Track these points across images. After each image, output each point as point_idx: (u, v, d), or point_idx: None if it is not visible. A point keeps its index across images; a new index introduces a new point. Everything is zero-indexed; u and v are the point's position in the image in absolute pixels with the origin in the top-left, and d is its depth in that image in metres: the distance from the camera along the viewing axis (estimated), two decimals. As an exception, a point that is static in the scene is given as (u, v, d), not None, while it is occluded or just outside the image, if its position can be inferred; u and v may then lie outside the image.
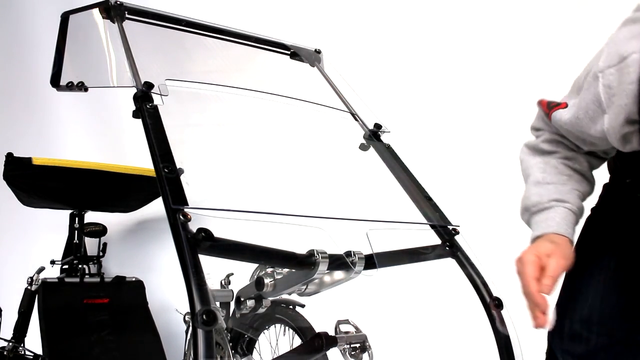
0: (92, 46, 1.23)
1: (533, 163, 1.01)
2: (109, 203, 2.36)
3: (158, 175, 0.82)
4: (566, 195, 0.95)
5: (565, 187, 0.96)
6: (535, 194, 0.97)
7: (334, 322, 1.14)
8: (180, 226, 0.75)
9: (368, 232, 0.92)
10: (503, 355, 0.98)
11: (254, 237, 0.85)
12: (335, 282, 0.99)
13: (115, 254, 2.57)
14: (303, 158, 1.97)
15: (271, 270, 1.07)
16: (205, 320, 0.67)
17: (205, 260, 0.74)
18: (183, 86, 1.11)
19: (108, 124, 2.84)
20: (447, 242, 1.08)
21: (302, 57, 1.54)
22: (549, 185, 0.97)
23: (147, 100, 0.97)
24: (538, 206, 0.96)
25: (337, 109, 1.37)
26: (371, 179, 1.39)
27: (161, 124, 0.93)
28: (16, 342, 1.95)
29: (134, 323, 2.14)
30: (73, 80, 1.14)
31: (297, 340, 1.34)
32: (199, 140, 1.48)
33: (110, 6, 1.23)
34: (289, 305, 1.39)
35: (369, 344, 1.12)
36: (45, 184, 2.09)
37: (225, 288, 1.47)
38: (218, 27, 1.41)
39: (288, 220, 0.87)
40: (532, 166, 1.01)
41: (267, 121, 1.58)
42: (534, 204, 0.97)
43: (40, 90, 2.80)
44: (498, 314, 1.00)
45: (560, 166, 0.98)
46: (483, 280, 1.03)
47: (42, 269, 2.06)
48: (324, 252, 0.91)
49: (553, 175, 0.97)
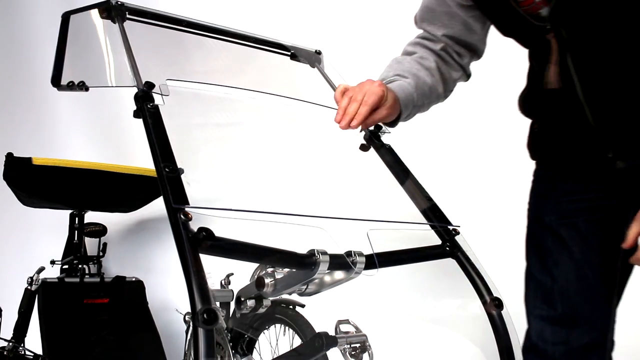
0: (92, 46, 1.23)
1: (393, 59, 1.24)
2: (109, 203, 2.36)
3: (159, 174, 0.83)
4: (408, 74, 1.17)
5: (410, 72, 1.18)
6: (385, 72, 1.21)
7: (334, 322, 1.14)
8: (181, 225, 0.75)
9: (368, 232, 0.92)
10: (503, 356, 0.98)
11: (255, 236, 0.85)
12: (336, 282, 0.99)
13: (115, 254, 2.57)
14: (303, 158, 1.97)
15: (271, 270, 1.07)
16: (206, 320, 0.67)
17: (206, 260, 0.74)
18: (184, 86, 1.12)
19: (108, 124, 2.83)
20: (447, 242, 1.09)
21: (302, 58, 1.54)
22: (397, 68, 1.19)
23: (148, 100, 0.97)
24: (385, 79, 1.18)
25: (337, 109, 1.37)
26: (371, 179, 1.39)
27: (162, 124, 0.93)
28: (16, 342, 1.95)
29: (134, 323, 2.15)
30: (74, 80, 1.14)
31: (297, 340, 1.34)
32: (200, 139, 1.48)
33: (111, 6, 1.23)
34: (289, 305, 1.39)
35: (369, 344, 1.12)
36: (45, 184, 2.09)
37: (226, 288, 1.47)
38: (218, 27, 1.41)
39: (288, 219, 0.87)
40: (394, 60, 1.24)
41: (267, 121, 1.59)
42: (382, 77, 1.19)
43: (40, 90, 2.80)
44: (498, 314, 1.00)
45: (412, 62, 1.20)
46: (483, 280, 1.03)
47: (42, 269, 2.06)
48: (325, 252, 0.91)
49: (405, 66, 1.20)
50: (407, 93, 1.16)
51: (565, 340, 1.06)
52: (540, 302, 1.10)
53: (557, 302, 1.07)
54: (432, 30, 1.19)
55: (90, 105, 2.84)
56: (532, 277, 1.14)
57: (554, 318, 1.07)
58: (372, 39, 2.28)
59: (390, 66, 1.22)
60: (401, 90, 1.15)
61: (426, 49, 1.21)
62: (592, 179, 1.04)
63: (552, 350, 1.06)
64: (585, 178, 1.04)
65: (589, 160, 1.03)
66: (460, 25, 1.17)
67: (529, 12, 0.98)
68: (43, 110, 2.91)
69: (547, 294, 1.09)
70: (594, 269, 1.05)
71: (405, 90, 1.15)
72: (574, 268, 1.06)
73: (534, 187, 1.15)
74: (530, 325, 1.12)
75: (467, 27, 1.17)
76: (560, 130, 1.06)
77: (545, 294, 1.09)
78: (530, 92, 1.13)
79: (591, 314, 1.05)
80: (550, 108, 1.06)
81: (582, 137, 1.02)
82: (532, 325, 1.11)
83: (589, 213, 1.04)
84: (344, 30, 2.34)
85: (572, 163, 1.06)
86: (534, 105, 1.12)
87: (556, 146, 1.08)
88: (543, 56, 1.03)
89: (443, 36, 1.18)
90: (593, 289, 1.05)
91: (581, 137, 1.02)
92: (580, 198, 1.05)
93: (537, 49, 1.05)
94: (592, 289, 1.05)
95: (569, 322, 1.05)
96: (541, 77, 1.06)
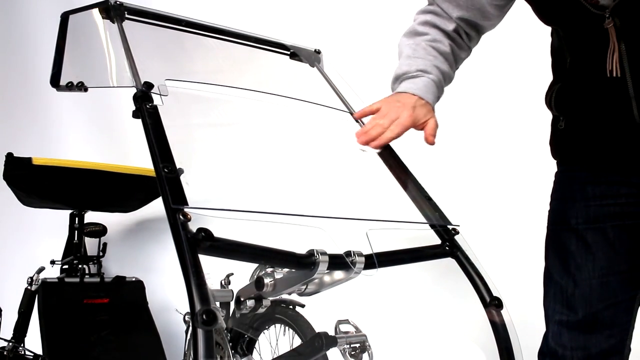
0: (92, 46, 1.23)
1: (406, 43, 1.19)
2: (109, 203, 2.36)
3: (158, 175, 0.82)
4: (430, 68, 1.14)
5: (430, 63, 1.14)
6: (406, 64, 1.16)
7: (334, 322, 1.14)
8: (180, 226, 0.75)
9: (368, 232, 0.92)
10: (503, 356, 0.98)
11: (254, 236, 0.84)
12: (335, 282, 0.99)
13: (115, 254, 2.57)
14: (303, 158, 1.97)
15: (271, 270, 1.07)
16: (205, 320, 0.66)
17: (205, 260, 0.74)
18: (183, 86, 1.11)
19: (108, 124, 2.83)
20: (447, 242, 1.08)
21: (301, 57, 1.54)
22: (418, 59, 1.15)
23: (147, 100, 0.96)
24: (407, 74, 1.14)
25: (337, 109, 1.37)
26: (371, 179, 1.39)
27: (161, 124, 0.93)
28: (16, 342, 1.96)
29: (134, 323, 2.15)
30: (73, 80, 1.14)
31: (297, 340, 1.34)
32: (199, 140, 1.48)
33: (110, 6, 1.23)
34: (289, 305, 1.39)
35: (369, 344, 1.12)
36: (45, 184, 2.09)
37: (225, 288, 1.47)
38: (218, 27, 1.41)
39: (288, 220, 0.87)
40: (405, 45, 1.19)
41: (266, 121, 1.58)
42: (404, 72, 1.15)
43: (40, 90, 2.80)
44: (498, 314, 1.00)
45: (428, 47, 1.16)
46: (483, 280, 1.03)
47: (42, 269, 2.06)
48: (324, 252, 0.91)
49: (421, 53, 1.16)
50: (435, 94, 1.15)
51: (584, 345, 1.04)
52: (561, 306, 1.07)
53: (578, 307, 1.05)
54: (447, 8, 1.15)
55: (90, 105, 2.84)
56: (552, 280, 1.11)
57: (573, 323, 1.05)
58: (372, 39, 2.27)
59: (408, 56, 1.17)
60: (430, 93, 1.14)
61: (438, 29, 1.17)
62: (625, 182, 1.00)
63: (571, 355, 1.04)
64: (618, 181, 1.01)
65: (626, 161, 1.00)
66: (476, 10, 1.13)
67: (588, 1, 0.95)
68: (43, 110, 2.91)
69: (568, 299, 1.06)
70: (618, 276, 1.03)
71: (433, 92, 1.14)
72: (598, 274, 1.03)
73: (558, 188, 1.12)
74: (548, 328, 1.10)
75: (484, 13, 1.13)
76: (595, 127, 1.02)
77: (566, 298, 1.06)
78: (565, 86, 1.09)
79: (612, 321, 1.03)
80: (591, 102, 1.02)
81: (622, 135, 0.98)
82: (550, 329, 1.09)
83: (619, 219, 1.01)
84: (343, 30, 2.33)
85: (606, 164, 1.02)
86: (569, 100, 1.07)
87: (588, 145, 1.04)
88: (594, 46, 0.98)
89: (457, 18, 1.15)
90: (616, 296, 1.03)
91: (621, 135, 0.98)
92: (611, 203, 1.02)
93: (588, 38, 1.00)
94: (615, 295, 1.03)
95: (589, 328, 1.04)
96: (585, 69, 1.02)
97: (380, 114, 1.12)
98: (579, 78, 1.05)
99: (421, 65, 1.14)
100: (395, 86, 1.18)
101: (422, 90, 1.12)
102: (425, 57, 1.15)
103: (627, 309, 1.04)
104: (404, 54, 1.18)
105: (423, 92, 1.12)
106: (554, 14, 1.04)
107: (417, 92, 1.12)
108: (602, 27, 0.95)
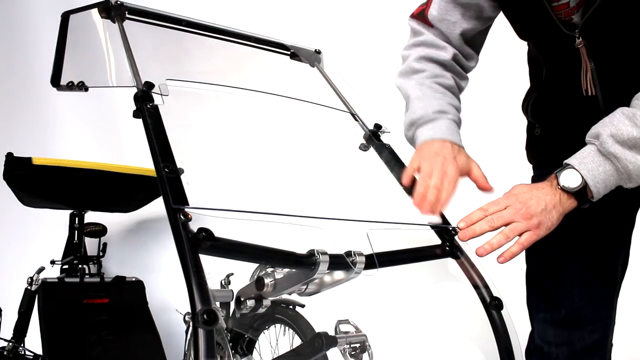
0: (92, 46, 1.23)
1: (410, 85, 1.12)
2: (109, 203, 2.36)
3: (159, 174, 0.82)
4: (446, 107, 1.07)
5: (443, 102, 1.08)
6: (420, 108, 1.07)
7: (334, 322, 1.14)
8: (181, 226, 0.75)
9: (368, 232, 0.92)
10: (503, 356, 0.98)
11: (255, 237, 0.85)
12: (336, 282, 0.99)
13: (115, 254, 2.57)
14: (303, 158, 1.97)
15: (271, 270, 1.07)
16: (206, 320, 0.67)
17: (206, 260, 0.74)
18: (183, 86, 1.11)
19: (108, 124, 2.83)
20: (447, 242, 1.08)
21: (302, 57, 1.54)
22: (429, 100, 1.08)
23: (148, 100, 0.97)
24: (424, 118, 1.06)
25: (337, 109, 1.37)
26: (371, 179, 1.39)
27: (161, 124, 0.93)
28: (16, 342, 1.95)
29: (134, 323, 2.14)
30: (73, 80, 1.14)
31: (297, 340, 1.34)
32: (200, 140, 1.48)
33: (111, 6, 1.23)
34: (289, 305, 1.39)
35: (368, 344, 1.12)
36: (45, 184, 2.09)
37: (225, 288, 1.47)
38: (218, 27, 1.41)
39: (288, 220, 0.87)
40: (409, 87, 1.12)
41: (267, 121, 1.59)
42: (420, 116, 1.07)
43: (40, 90, 2.80)
44: (498, 314, 1.00)
45: (434, 85, 1.10)
46: (483, 280, 1.03)
47: (42, 269, 2.05)
48: (324, 252, 0.91)
49: (430, 92, 1.09)
50: (459, 133, 1.09)
51: (569, 341, 1.06)
52: (544, 305, 1.10)
53: (560, 305, 1.07)
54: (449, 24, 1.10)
55: (90, 105, 2.84)
56: (534, 281, 1.14)
57: (557, 320, 1.07)
58: (372, 39, 2.28)
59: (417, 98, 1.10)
60: (457, 134, 1.07)
61: (435, 63, 1.13)
62: None
63: (556, 352, 1.07)
64: None
65: None
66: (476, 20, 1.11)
67: (560, 18, 0.97)
68: (43, 110, 2.91)
69: (550, 297, 1.09)
70: (596, 273, 1.06)
71: (458, 132, 1.08)
72: (578, 272, 1.06)
73: None
74: (534, 327, 1.12)
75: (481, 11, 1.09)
76: (570, 136, 1.03)
77: (548, 297, 1.09)
78: (541, 97, 1.12)
79: (594, 316, 1.06)
80: (565, 115, 1.05)
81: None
82: (535, 328, 1.12)
83: (592, 217, 1.03)
84: (343, 30, 2.34)
85: None
86: (545, 111, 1.11)
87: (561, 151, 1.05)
88: (567, 64, 1.01)
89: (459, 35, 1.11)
90: (596, 292, 1.06)
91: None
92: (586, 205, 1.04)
93: (562, 56, 1.02)
94: (595, 291, 1.06)
95: (573, 324, 1.06)
96: (559, 83, 1.05)
97: (425, 173, 1.01)
98: (554, 91, 1.08)
99: (437, 106, 1.07)
100: (411, 132, 1.11)
101: (450, 134, 1.05)
102: (434, 95, 1.09)
103: (608, 305, 1.08)
104: (411, 96, 1.11)
105: (452, 135, 1.05)
106: (530, 31, 1.07)
107: (448, 137, 1.04)
108: (574, 47, 0.98)
